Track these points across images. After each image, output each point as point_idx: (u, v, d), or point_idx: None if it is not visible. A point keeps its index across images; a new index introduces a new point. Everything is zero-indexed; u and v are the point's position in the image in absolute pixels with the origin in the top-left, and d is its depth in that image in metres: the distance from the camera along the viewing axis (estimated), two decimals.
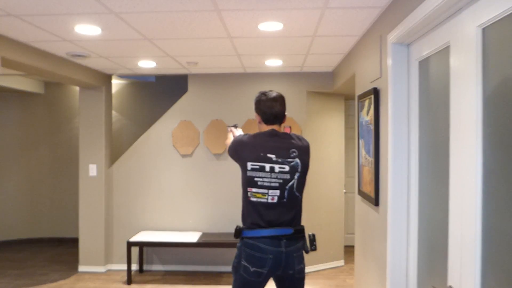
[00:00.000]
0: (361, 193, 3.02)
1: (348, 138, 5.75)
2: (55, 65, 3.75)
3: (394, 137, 2.22)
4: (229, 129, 2.65)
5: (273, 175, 2.10)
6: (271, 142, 2.15)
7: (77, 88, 5.94)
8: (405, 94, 2.20)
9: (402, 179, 2.21)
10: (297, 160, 2.14)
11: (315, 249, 2.33)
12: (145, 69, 4.54)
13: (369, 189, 2.74)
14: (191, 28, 2.86)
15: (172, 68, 4.44)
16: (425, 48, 1.94)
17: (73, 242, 5.96)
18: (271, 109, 2.20)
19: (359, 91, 3.15)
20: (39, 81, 5.92)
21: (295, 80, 4.76)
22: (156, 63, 4.17)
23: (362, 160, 2.98)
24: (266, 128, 2.25)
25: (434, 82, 1.88)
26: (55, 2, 2.32)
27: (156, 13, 2.52)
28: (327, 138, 4.94)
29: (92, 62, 4.14)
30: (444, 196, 1.73)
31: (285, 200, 2.12)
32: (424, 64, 2.01)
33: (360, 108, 3.02)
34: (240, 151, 2.21)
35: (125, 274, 4.70)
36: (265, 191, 2.10)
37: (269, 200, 2.11)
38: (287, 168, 2.12)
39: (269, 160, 2.10)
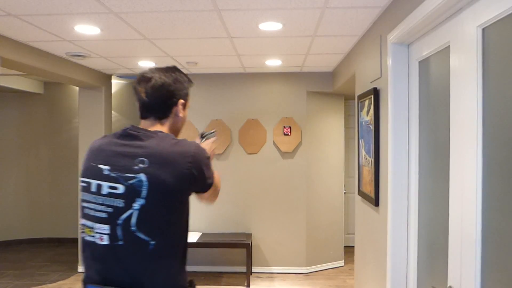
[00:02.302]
0: (361, 193, 3.02)
1: (348, 138, 5.75)
2: (55, 65, 3.74)
3: (394, 137, 2.22)
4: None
5: (100, 198, 1.27)
6: (113, 146, 1.33)
7: (77, 88, 5.94)
8: (405, 94, 2.20)
9: (402, 179, 2.21)
10: (142, 176, 1.23)
11: None
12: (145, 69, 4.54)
13: (369, 189, 2.73)
14: (191, 28, 2.86)
15: None
16: (425, 48, 1.94)
17: (73, 242, 5.96)
18: (138, 96, 1.42)
19: (359, 91, 3.15)
20: (38, 81, 5.92)
21: (295, 80, 4.76)
22: (156, 63, 4.17)
23: (362, 160, 2.98)
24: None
25: (434, 82, 1.88)
26: (55, 2, 2.32)
27: (156, 13, 2.52)
28: (327, 138, 4.94)
29: (92, 62, 4.14)
30: (444, 196, 1.73)
31: (121, 243, 1.23)
32: (424, 64, 2.01)
33: (360, 108, 3.01)
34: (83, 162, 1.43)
35: None
36: (91, 224, 1.28)
37: (98, 241, 1.26)
38: (121, 188, 1.24)
39: (99, 174, 1.29)
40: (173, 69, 1.46)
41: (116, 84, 5.85)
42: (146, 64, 4.19)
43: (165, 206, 1.26)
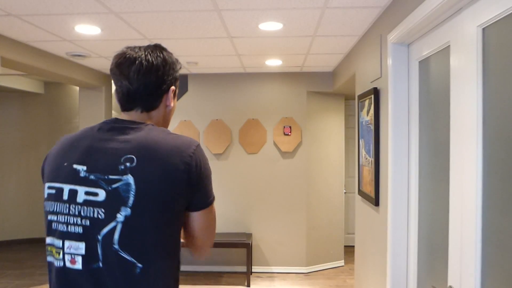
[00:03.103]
0: (361, 193, 3.02)
1: (348, 138, 5.75)
2: (55, 65, 3.75)
3: (394, 137, 2.22)
4: None
5: (73, 208, 1.00)
6: (91, 141, 1.06)
7: (77, 88, 5.94)
8: (405, 94, 2.20)
9: (402, 179, 2.21)
10: (129, 178, 0.98)
11: None
12: None
13: (369, 189, 2.74)
14: (191, 28, 2.86)
15: None
16: (425, 48, 1.94)
17: None
18: (119, 82, 1.13)
19: (359, 91, 3.15)
20: (39, 81, 5.92)
21: (295, 80, 4.76)
22: None
23: (362, 160, 2.98)
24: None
25: (434, 82, 1.88)
26: (55, 2, 2.32)
27: (156, 13, 2.52)
28: (327, 138, 4.94)
29: (92, 62, 4.14)
30: (444, 196, 1.73)
31: (100, 265, 0.97)
32: (424, 64, 2.01)
33: (360, 108, 3.02)
34: (46, 163, 1.12)
35: None
36: (59, 243, 1.00)
37: (67, 264, 0.99)
38: (101, 194, 0.98)
39: (73, 177, 1.01)
40: (160, 48, 1.17)
41: None
42: None
43: (155, 217, 0.98)
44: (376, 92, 2.54)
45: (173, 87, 1.18)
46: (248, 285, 4.31)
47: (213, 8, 2.44)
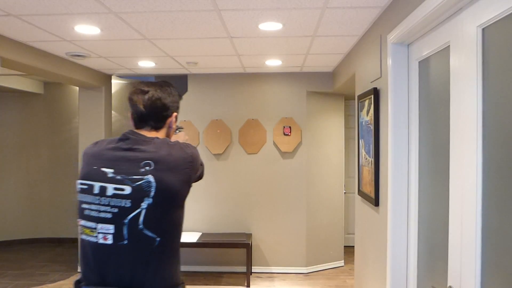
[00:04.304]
0: (361, 193, 3.02)
1: (348, 138, 5.76)
2: (55, 65, 3.75)
3: (394, 137, 2.22)
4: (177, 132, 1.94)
5: (104, 199, 1.37)
6: (113, 151, 1.44)
7: (77, 88, 5.94)
8: (405, 94, 2.20)
9: (402, 179, 2.21)
10: (150, 178, 1.37)
11: None
12: (145, 69, 4.54)
13: (369, 189, 2.74)
14: (191, 28, 2.86)
15: (172, 68, 4.44)
16: (425, 48, 1.94)
17: (73, 242, 5.96)
18: (134, 107, 1.52)
19: (359, 91, 3.15)
20: (39, 81, 5.92)
21: (295, 80, 4.76)
22: (156, 63, 4.17)
23: (362, 160, 2.98)
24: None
25: (434, 82, 1.88)
26: (55, 2, 2.32)
27: (156, 13, 2.52)
28: (327, 138, 4.94)
29: (92, 62, 4.14)
30: (444, 196, 1.73)
31: (125, 242, 1.34)
32: (424, 64, 2.01)
33: (360, 108, 3.02)
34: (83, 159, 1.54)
35: None
36: (93, 224, 1.37)
37: (100, 240, 1.35)
38: (127, 189, 1.36)
39: (102, 177, 1.39)
40: (167, 84, 1.59)
41: (116, 84, 5.85)
42: (146, 64, 4.19)
43: (170, 205, 1.39)
44: (376, 92, 2.54)
45: (175, 113, 1.59)
46: (248, 285, 4.31)
47: (213, 8, 2.44)
